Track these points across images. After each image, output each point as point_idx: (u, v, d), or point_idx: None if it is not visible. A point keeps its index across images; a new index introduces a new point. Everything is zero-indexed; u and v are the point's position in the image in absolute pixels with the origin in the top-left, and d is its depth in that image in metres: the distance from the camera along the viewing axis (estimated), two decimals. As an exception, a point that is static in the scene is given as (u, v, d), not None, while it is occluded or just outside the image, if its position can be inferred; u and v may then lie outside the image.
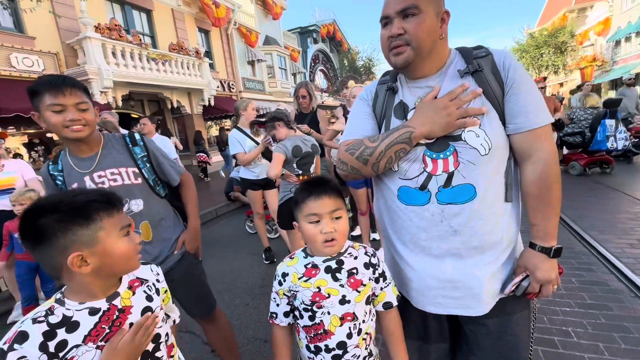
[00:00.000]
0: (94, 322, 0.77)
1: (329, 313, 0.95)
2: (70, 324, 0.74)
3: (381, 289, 1.03)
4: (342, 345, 0.95)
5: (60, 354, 0.71)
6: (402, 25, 0.89)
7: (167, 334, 0.94)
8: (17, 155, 7.22)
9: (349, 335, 0.95)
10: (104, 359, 0.75)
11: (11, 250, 2.61)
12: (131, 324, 0.82)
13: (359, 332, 0.97)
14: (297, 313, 1.01)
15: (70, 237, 0.72)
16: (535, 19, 29.06)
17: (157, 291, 0.94)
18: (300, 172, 2.58)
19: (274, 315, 1.03)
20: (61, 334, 0.72)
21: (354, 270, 0.98)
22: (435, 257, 0.96)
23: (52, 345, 0.71)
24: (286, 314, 1.03)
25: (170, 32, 11.24)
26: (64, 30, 8.00)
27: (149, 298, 0.89)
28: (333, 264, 0.98)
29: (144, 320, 0.83)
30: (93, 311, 0.77)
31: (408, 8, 0.87)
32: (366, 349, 1.00)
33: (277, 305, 1.03)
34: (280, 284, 1.01)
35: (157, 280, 0.97)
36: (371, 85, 1.14)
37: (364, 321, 0.99)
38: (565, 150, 5.55)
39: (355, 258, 1.01)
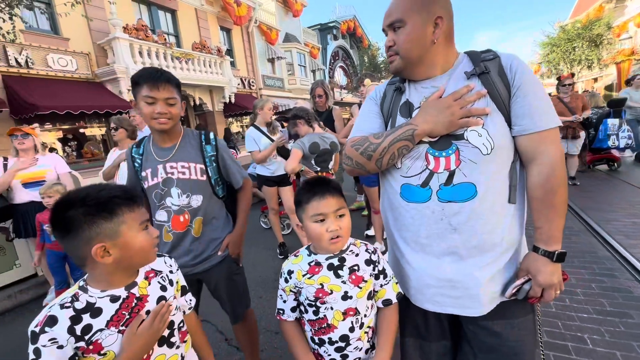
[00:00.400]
0: (115, 308, 0.82)
1: (332, 308, 0.99)
2: (94, 310, 0.80)
3: (381, 285, 1.06)
4: (344, 338, 0.99)
5: (86, 337, 0.77)
6: (392, 38, 0.97)
7: (181, 321, 0.99)
8: (52, 150, 7.71)
9: (352, 329, 0.99)
10: (126, 342, 0.81)
11: (44, 240, 2.81)
12: (148, 312, 0.87)
13: (361, 325, 1.01)
14: (302, 308, 1.06)
15: (95, 230, 0.77)
16: (568, 12, 27.49)
17: (171, 282, 0.99)
18: (319, 169, 2.62)
19: (281, 312, 1.08)
20: (86, 318, 0.78)
21: (355, 267, 1.02)
22: (434, 256, 0.97)
23: (78, 329, 0.77)
24: (293, 309, 1.07)
25: (193, 31, 11.57)
26: (95, 32, 8.43)
27: (163, 288, 0.95)
28: (335, 262, 1.02)
29: (159, 308, 0.89)
30: (114, 298, 0.83)
31: (394, 22, 0.96)
32: (368, 341, 1.04)
33: (284, 301, 1.07)
34: (286, 281, 1.06)
35: (170, 272, 1.02)
36: (381, 85, 1.18)
37: (365, 315, 1.02)
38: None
39: (357, 255, 1.04)
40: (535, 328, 1.02)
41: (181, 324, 1.00)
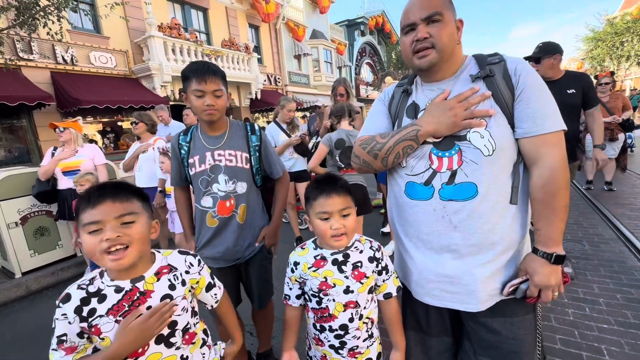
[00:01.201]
0: (117, 298, 0.85)
1: (333, 300, 1.05)
2: (100, 296, 0.84)
3: (383, 280, 1.11)
4: (344, 327, 1.06)
5: (89, 319, 0.82)
6: (427, 30, 0.95)
7: (187, 323, 0.96)
8: (92, 141, 8.29)
9: (351, 320, 1.06)
10: (118, 333, 0.83)
11: (82, 225, 3.09)
12: (150, 307, 0.87)
13: (360, 317, 1.07)
14: (306, 297, 1.13)
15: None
16: (616, 4, 25.33)
17: (183, 282, 0.97)
18: (343, 165, 2.67)
19: (287, 297, 1.17)
20: (93, 302, 0.83)
21: (359, 264, 1.07)
22: (435, 252, 1.00)
23: (85, 310, 0.82)
24: (298, 297, 1.15)
25: (223, 29, 11.91)
26: (132, 30, 8.92)
27: (172, 287, 0.93)
28: (340, 257, 1.07)
29: (160, 306, 0.87)
30: (118, 289, 0.86)
31: (433, 15, 0.94)
32: (367, 331, 1.10)
33: (290, 289, 1.16)
34: (292, 271, 1.13)
35: (187, 272, 0.99)
36: (390, 87, 1.22)
37: (365, 308, 1.08)
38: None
39: (361, 252, 1.09)
40: (535, 327, 1.02)
41: (187, 326, 0.97)
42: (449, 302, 1.01)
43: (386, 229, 3.81)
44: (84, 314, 0.82)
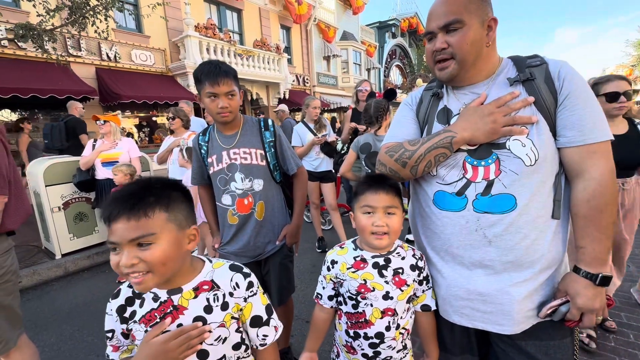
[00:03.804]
0: (152, 307, 0.78)
1: (371, 305, 1.02)
2: (142, 300, 0.79)
3: (423, 291, 1.06)
4: (379, 336, 1.02)
5: (128, 322, 0.78)
6: (445, 39, 0.90)
7: (223, 357, 0.81)
8: (129, 135, 8.75)
9: (388, 328, 1.02)
10: (139, 347, 0.75)
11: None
12: (180, 325, 0.77)
13: (397, 326, 1.03)
14: (341, 299, 1.10)
15: (187, 213, 0.80)
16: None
17: (225, 305, 0.82)
18: (369, 171, 2.63)
19: (320, 296, 1.14)
20: (136, 305, 0.78)
21: (400, 270, 1.03)
22: (466, 267, 0.94)
23: (128, 311, 0.78)
24: (330, 298, 1.12)
25: (256, 29, 12.17)
26: (171, 30, 9.31)
27: (208, 309, 0.79)
28: (381, 261, 1.04)
29: (189, 328, 0.75)
30: (155, 298, 0.78)
31: (450, 23, 0.88)
32: (402, 342, 1.06)
33: (323, 288, 1.13)
34: (328, 269, 1.10)
35: (230, 294, 0.83)
36: (417, 91, 1.15)
37: (402, 317, 1.04)
38: None
39: (403, 259, 1.05)
40: (572, 353, 0.94)
41: None
42: (480, 322, 0.94)
43: (411, 237, 3.70)
44: (126, 314, 0.78)
